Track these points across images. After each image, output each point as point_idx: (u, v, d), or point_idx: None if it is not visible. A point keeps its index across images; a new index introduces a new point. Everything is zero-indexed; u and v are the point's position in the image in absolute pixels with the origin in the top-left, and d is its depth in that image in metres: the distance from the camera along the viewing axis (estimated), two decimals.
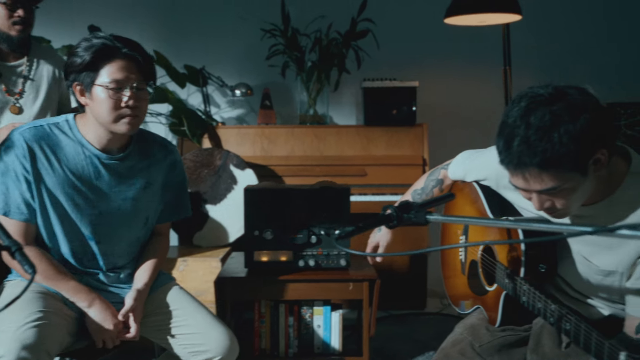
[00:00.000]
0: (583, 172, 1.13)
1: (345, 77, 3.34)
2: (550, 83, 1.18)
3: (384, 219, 1.16)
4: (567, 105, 1.11)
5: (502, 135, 1.17)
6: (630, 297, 1.23)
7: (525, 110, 1.14)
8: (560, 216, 1.24)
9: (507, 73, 3.06)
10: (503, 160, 1.18)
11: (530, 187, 1.17)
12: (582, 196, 1.19)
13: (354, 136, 3.17)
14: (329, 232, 2.27)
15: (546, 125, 1.10)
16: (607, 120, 1.15)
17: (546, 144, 1.09)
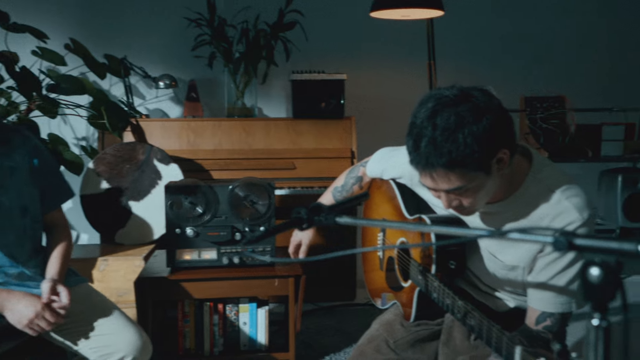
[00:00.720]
0: (487, 171, 1.17)
1: (273, 69, 3.30)
2: (456, 84, 1.20)
3: (294, 222, 1.15)
4: (471, 107, 1.14)
5: (411, 136, 1.19)
6: (530, 291, 1.28)
7: (432, 112, 1.16)
8: (468, 213, 1.28)
9: (432, 67, 3.12)
10: (412, 161, 1.20)
11: (438, 186, 1.19)
12: (488, 194, 1.23)
13: (283, 129, 3.15)
14: (254, 228, 2.25)
15: (451, 126, 1.12)
16: (508, 121, 1.19)
17: (451, 144, 1.12)
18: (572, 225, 1.20)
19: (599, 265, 0.72)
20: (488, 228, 1.33)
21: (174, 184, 2.24)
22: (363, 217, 1.70)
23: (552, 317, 1.25)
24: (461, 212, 1.27)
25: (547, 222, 1.23)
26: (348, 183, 1.74)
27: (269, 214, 2.24)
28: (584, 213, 1.21)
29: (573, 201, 1.22)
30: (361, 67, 3.55)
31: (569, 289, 1.23)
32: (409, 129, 1.21)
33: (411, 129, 1.20)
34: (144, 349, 1.63)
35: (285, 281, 2.23)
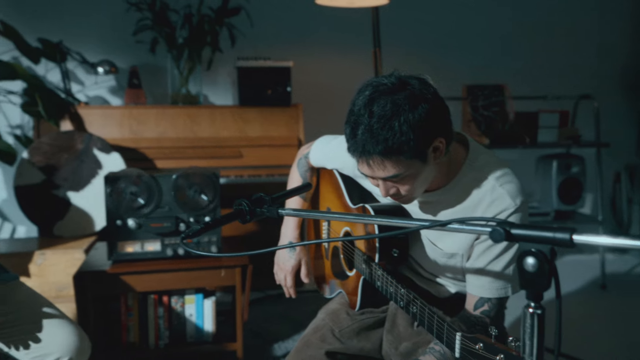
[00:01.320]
0: (423, 159, 1.19)
1: (219, 55, 3.24)
2: (394, 72, 1.21)
3: (236, 214, 1.13)
4: (407, 95, 1.15)
5: (349, 124, 1.20)
6: (469, 277, 1.32)
7: (369, 99, 1.16)
8: (406, 201, 1.29)
9: (377, 55, 3.14)
10: (349, 148, 1.21)
11: (375, 174, 1.20)
12: (425, 182, 1.25)
13: (229, 117, 3.10)
14: (199, 219, 2.21)
15: (388, 114, 1.13)
16: (444, 110, 1.21)
17: (387, 132, 1.13)
18: (506, 211, 1.24)
19: (534, 254, 0.75)
20: (429, 218, 1.35)
21: (114, 174, 2.17)
22: (307, 209, 1.69)
23: (490, 302, 1.29)
24: (399, 200, 1.28)
25: (482, 208, 1.27)
26: (306, 177, 1.72)
27: (214, 204, 2.21)
28: (517, 199, 1.25)
29: (507, 188, 1.26)
30: (308, 54, 3.54)
31: (504, 274, 1.27)
32: (347, 117, 1.21)
33: (349, 116, 1.20)
34: (81, 348, 1.56)
35: (232, 271, 2.22)
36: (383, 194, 1.24)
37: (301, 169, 1.74)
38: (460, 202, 1.30)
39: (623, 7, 4.08)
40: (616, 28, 4.09)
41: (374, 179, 1.25)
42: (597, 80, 4.02)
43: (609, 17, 4.04)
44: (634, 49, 4.14)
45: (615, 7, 4.05)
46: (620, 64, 4.15)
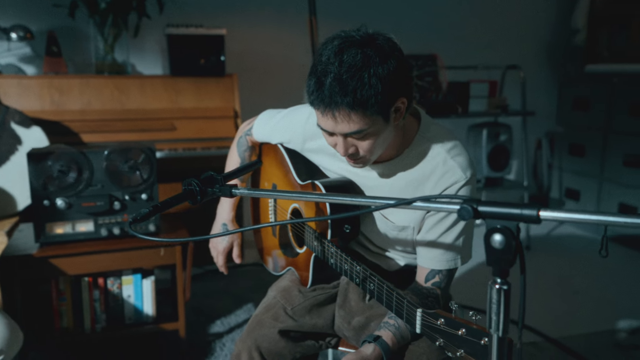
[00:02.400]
0: (386, 117, 1.17)
1: (146, 22, 3.06)
2: (361, 27, 1.18)
3: (186, 195, 1.07)
4: (377, 48, 1.12)
5: (314, 74, 1.15)
6: (420, 249, 1.34)
7: (338, 49, 1.12)
8: (363, 163, 1.26)
9: (313, 23, 3.08)
10: (314, 101, 1.16)
11: (338, 128, 1.16)
12: (383, 144, 1.23)
13: (160, 87, 2.95)
14: (135, 196, 2.10)
15: (358, 64, 1.10)
16: (409, 70, 1.19)
17: (357, 82, 1.10)
18: (457, 184, 1.26)
19: (502, 231, 0.75)
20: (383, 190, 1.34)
21: (38, 150, 2.01)
22: (262, 188, 1.63)
23: (440, 274, 1.31)
24: (356, 162, 1.25)
25: (434, 180, 1.27)
26: (244, 158, 1.65)
27: (151, 180, 2.10)
28: (467, 172, 1.26)
29: (457, 160, 1.27)
30: (241, 22, 3.41)
31: (455, 245, 1.30)
32: (312, 68, 1.17)
33: (314, 67, 1.15)
34: (11, 339, 1.45)
35: (171, 249, 2.14)
36: (342, 152, 1.21)
37: (240, 148, 1.67)
38: (413, 174, 1.30)
39: None
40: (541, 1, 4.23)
41: (332, 136, 1.21)
42: (522, 51, 4.16)
43: None
44: (557, 21, 4.30)
45: None
46: (543, 36, 4.31)
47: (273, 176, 1.62)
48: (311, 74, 1.16)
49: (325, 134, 1.23)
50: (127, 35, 3.02)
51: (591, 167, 3.86)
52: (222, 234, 1.11)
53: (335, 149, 1.24)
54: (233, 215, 1.68)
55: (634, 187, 3.49)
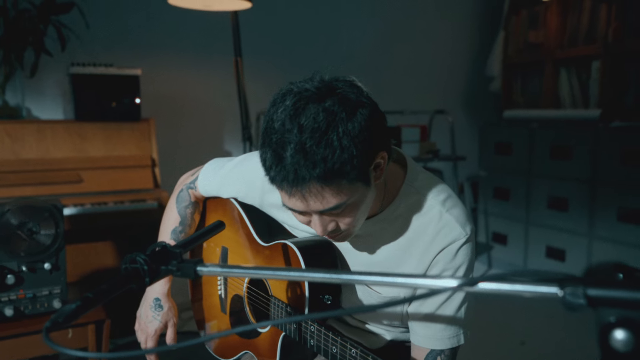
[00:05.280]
0: (366, 181, 0.94)
1: (46, 60, 2.68)
2: (315, 75, 0.95)
3: (130, 276, 0.76)
4: (340, 100, 0.90)
5: (269, 146, 0.90)
6: (415, 325, 1.09)
7: (293, 110, 0.88)
8: (344, 238, 1.03)
9: (239, 63, 2.85)
10: (275, 178, 0.91)
11: (310, 208, 0.92)
12: (366, 211, 1.01)
13: (63, 134, 2.55)
14: (34, 266, 1.70)
15: (322, 126, 0.87)
16: (382, 116, 0.97)
17: (325, 149, 0.86)
18: (456, 242, 1.04)
19: (627, 326, 0.53)
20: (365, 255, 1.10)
21: None
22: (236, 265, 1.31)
23: (442, 355, 1.08)
24: (336, 238, 1.02)
25: (428, 239, 1.06)
26: (186, 216, 1.35)
27: (56, 246, 1.71)
28: (466, 227, 1.06)
29: (454, 213, 1.06)
30: (158, 62, 3.10)
31: (456, 318, 1.07)
32: (264, 138, 0.92)
33: (267, 136, 0.91)
34: None
35: (83, 330, 1.74)
36: (320, 232, 0.96)
37: (181, 204, 1.37)
38: (402, 232, 1.07)
39: (465, 32, 4.32)
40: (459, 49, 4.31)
41: (305, 215, 0.97)
42: (445, 98, 4.19)
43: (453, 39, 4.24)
44: (474, 68, 4.40)
45: (460, 32, 4.27)
46: (462, 83, 4.39)
47: (223, 238, 1.32)
48: (264, 145, 0.91)
49: (295, 213, 0.98)
50: (22, 75, 2.61)
51: (517, 211, 3.88)
52: (185, 345, 0.78)
53: (310, 227, 1.00)
54: (169, 288, 1.35)
55: (559, 229, 3.53)
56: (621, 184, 3.13)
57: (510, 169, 3.90)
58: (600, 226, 3.26)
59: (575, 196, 3.40)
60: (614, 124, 3.24)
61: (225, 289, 1.35)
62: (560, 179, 3.51)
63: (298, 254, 1.06)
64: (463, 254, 1.04)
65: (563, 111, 3.73)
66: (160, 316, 1.31)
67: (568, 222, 3.45)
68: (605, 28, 3.45)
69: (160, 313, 1.30)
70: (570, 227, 3.43)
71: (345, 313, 1.08)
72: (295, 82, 0.94)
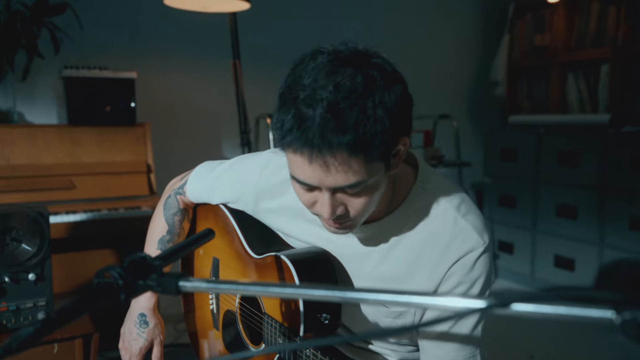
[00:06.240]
0: (387, 163, 0.85)
1: (38, 62, 2.60)
2: (347, 41, 0.85)
3: (102, 293, 0.67)
4: (378, 68, 0.81)
5: (292, 104, 0.79)
6: (426, 344, 1.00)
7: (330, 67, 0.79)
8: (349, 228, 0.92)
9: (237, 66, 2.76)
10: (294, 142, 0.79)
11: (327, 181, 0.81)
12: (376, 201, 0.91)
13: (55, 139, 2.47)
14: (18, 276, 1.61)
15: (359, 89, 0.77)
16: (411, 100, 0.88)
17: (359, 114, 0.77)
18: (473, 252, 0.95)
19: None
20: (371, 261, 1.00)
21: None
22: (226, 280, 1.22)
23: None
24: (340, 227, 0.91)
25: (441, 247, 0.96)
26: (174, 224, 1.25)
27: (41, 255, 1.62)
28: (484, 236, 0.96)
29: (470, 220, 0.97)
30: (154, 65, 3.02)
31: (473, 337, 0.97)
32: (285, 97, 0.81)
33: (292, 93, 0.80)
34: None
35: (69, 344, 1.64)
36: (327, 214, 0.86)
37: (168, 211, 1.27)
38: (412, 237, 0.98)
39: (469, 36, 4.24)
40: (463, 53, 4.23)
41: (312, 192, 0.86)
42: (450, 103, 4.10)
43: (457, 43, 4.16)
44: (478, 73, 4.32)
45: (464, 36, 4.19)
46: (467, 88, 4.30)
47: (214, 248, 1.23)
48: (285, 105, 0.81)
49: (299, 189, 0.88)
50: (12, 78, 2.53)
51: (523, 219, 3.78)
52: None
53: (313, 210, 0.90)
54: (155, 302, 1.26)
55: (569, 238, 3.42)
56: (632, 190, 3.03)
57: (516, 175, 3.80)
58: (611, 235, 3.15)
59: (585, 204, 3.30)
60: (624, 129, 3.15)
61: (218, 304, 1.25)
62: (568, 186, 3.41)
63: (292, 269, 0.97)
64: (481, 266, 0.95)
65: (571, 116, 3.64)
66: (146, 333, 1.21)
67: (577, 230, 3.35)
68: (614, 31, 3.37)
69: (145, 330, 1.21)
70: (580, 236, 3.33)
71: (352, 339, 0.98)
72: (323, 45, 0.85)
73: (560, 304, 0.44)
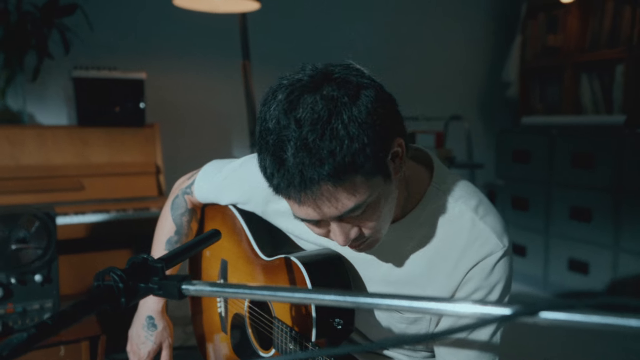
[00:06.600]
0: (385, 173, 0.82)
1: (49, 63, 2.59)
2: (305, 65, 0.83)
3: (101, 297, 0.64)
4: (337, 85, 0.78)
5: (267, 150, 0.79)
6: (442, 351, 0.96)
7: (287, 104, 0.77)
8: (370, 246, 0.90)
9: (247, 67, 2.75)
10: (279, 186, 0.79)
11: (325, 215, 0.80)
12: (391, 211, 0.88)
13: (65, 139, 2.46)
14: (25, 277, 1.59)
15: (323, 115, 0.75)
16: (391, 99, 0.85)
17: (331, 142, 0.74)
18: (493, 256, 0.92)
19: None
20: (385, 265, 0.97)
21: None
22: (231, 283, 1.19)
23: None
24: (361, 248, 0.89)
25: (459, 250, 0.93)
26: (182, 224, 1.23)
27: (48, 257, 1.61)
28: (503, 239, 0.93)
29: (489, 222, 0.93)
30: (163, 65, 3.01)
31: (491, 344, 0.94)
32: (260, 143, 0.80)
33: (263, 139, 0.79)
34: None
35: (76, 347, 1.63)
36: (342, 242, 0.84)
37: (176, 211, 1.25)
38: (428, 241, 0.95)
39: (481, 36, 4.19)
40: (475, 54, 4.18)
41: (320, 227, 0.84)
42: (461, 104, 4.05)
43: (469, 43, 4.12)
44: (490, 73, 4.27)
45: (476, 36, 4.14)
46: (478, 89, 4.25)
47: (223, 250, 1.20)
48: (262, 151, 0.80)
49: (308, 225, 0.86)
50: (23, 79, 2.53)
51: (536, 222, 3.72)
52: None
53: (329, 238, 0.88)
54: (164, 305, 1.23)
55: (583, 241, 3.36)
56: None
57: (528, 177, 3.75)
58: (627, 238, 3.09)
59: (599, 206, 3.24)
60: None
61: (226, 307, 1.22)
62: (582, 188, 3.35)
63: (303, 271, 0.94)
64: (500, 270, 0.91)
65: (585, 117, 3.58)
66: (154, 336, 1.19)
67: (591, 233, 3.29)
68: (629, 31, 3.31)
69: (153, 333, 1.18)
70: (594, 239, 3.27)
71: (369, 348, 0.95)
72: (284, 76, 0.83)
73: (594, 312, 0.41)
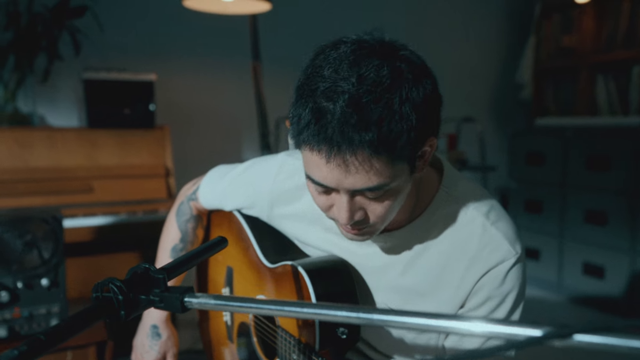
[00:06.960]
0: (412, 165, 0.79)
1: (59, 65, 2.59)
2: (372, 30, 0.79)
3: (99, 309, 0.62)
4: (405, 61, 0.74)
5: (311, 97, 0.73)
6: None
7: (353, 57, 0.72)
8: (367, 234, 0.86)
9: (257, 69, 2.72)
10: (310, 139, 0.73)
11: (346, 182, 0.75)
12: (399, 207, 0.85)
13: (74, 141, 2.45)
14: (32, 282, 1.58)
15: (385, 82, 0.71)
16: (440, 97, 0.81)
17: (384, 110, 0.70)
18: (505, 263, 0.88)
19: None
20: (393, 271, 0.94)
21: None
22: (235, 295, 1.17)
23: None
24: (359, 233, 0.85)
25: (470, 257, 0.89)
26: (187, 231, 1.21)
27: (55, 260, 1.60)
28: (516, 245, 0.90)
29: (501, 228, 0.90)
30: (173, 67, 3.00)
31: (507, 357, 0.91)
32: (302, 90, 0.75)
33: (310, 85, 0.74)
34: None
35: (83, 352, 1.61)
36: (345, 219, 0.79)
37: (181, 217, 1.22)
38: (437, 246, 0.92)
39: (494, 37, 4.14)
40: (488, 55, 4.13)
41: (329, 195, 0.80)
42: (474, 105, 4.01)
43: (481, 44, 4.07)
44: (503, 75, 4.21)
45: (489, 37, 4.09)
46: (491, 90, 4.20)
47: (228, 257, 1.18)
48: (301, 98, 0.75)
49: (315, 190, 0.81)
50: (33, 81, 2.53)
51: (550, 225, 3.66)
52: None
53: (329, 214, 0.84)
54: (168, 314, 1.21)
55: (598, 245, 3.30)
56: None
57: (542, 180, 3.69)
58: None
59: (615, 209, 3.18)
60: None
61: (232, 315, 1.20)
62: (597, 191, 3.29)
63: (307, 280, 0.91)
64: (513, 278, 0.88)
65: (600, 119, 3.51)
66: (158, 346, 1.17)
67: (607, 237, 3.23)
68: None
69: (157, 342, 1.17)
70: (610, 243, 3.21)
71: None
72: (347, 35, 0.78)
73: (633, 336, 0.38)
